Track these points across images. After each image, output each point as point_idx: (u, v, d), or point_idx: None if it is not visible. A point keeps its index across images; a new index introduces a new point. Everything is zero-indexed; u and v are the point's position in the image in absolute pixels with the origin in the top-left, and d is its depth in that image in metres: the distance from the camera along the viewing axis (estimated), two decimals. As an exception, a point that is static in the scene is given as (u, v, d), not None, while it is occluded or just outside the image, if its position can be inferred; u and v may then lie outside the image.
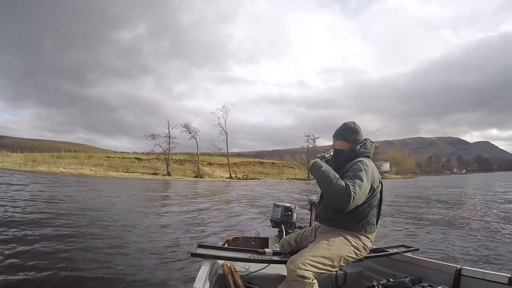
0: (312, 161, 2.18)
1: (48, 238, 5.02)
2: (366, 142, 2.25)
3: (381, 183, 2.14)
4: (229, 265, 2.29)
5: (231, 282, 2.14)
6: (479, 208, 11.62)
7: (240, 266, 2.36)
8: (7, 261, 3.96)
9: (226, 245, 2.98)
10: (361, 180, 1.94)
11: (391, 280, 2.21)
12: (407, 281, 2.15)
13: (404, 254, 2.53)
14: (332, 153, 2.36)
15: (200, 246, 2.18)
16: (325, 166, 2.08)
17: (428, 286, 2.11)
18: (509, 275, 1.90)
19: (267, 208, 10.19)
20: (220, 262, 2.37)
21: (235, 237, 3.33)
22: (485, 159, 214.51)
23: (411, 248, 2.63)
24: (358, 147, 2.19)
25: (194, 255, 2.04)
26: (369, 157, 2.22)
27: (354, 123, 2.30)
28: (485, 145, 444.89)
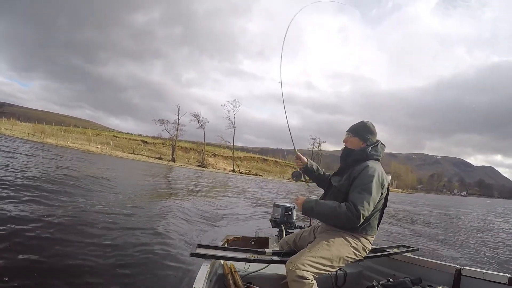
0: (302, 205, 2.12)
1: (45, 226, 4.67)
2: (378, 145, 2.19)
3: (388, 188, 2.13)
4: (229, 265, 2.28)
5: (231, 282, 2.13)
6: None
7: (240, 266, 2.34)
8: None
9: (226, 245, 2.97)
10: (370, 193, 1.92)
11: (391, 280, 2.20)
12: (407, 281, 2.15)
13: (404, 254, 2.53)
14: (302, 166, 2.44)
15: (200, 246, 2.18)
16: (316, 205, 2.07)
17: (428, 286, 2.12)
18: (509, 275, 1.90)
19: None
20: (220, 262, 2.35)
21: (235, 237, 3.32)
22: (487, 184, 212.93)
23: (411, 248, 2.63)
24: (369, 149, 2.13)
25: (194, 255, 2.04)
26: (378, 160, 2.16)
27: (373, 124, 2.24)
28: (489, 170, 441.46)
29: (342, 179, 2.11)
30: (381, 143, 2.22)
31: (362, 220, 1.90)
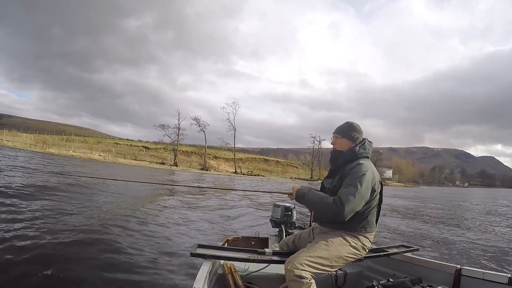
0: (296, 192, 2.20)
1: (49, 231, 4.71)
2: (365, 142, 2.22)
3: (381, 184, 2.16)
4: (229, 265, 2.28)
5: (231, 282, 2.13)
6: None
7: (240, 266, 2.33)
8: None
9: (226, 245, 2.96)
10: (356, 187, 1.95)
11: (391, 280, 2.21)
12: (407, 281, 2.16)
13: (404, 254, 2.53)
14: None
15: (200, 246, 2.18)
16: (307, 193, 2.14)
17: (428, 286, 2.11)
18: (509, 275, 1.91)
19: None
20: (220, 262, 2.34)
21: (235, 237, 3.31)
22: (489, 174, 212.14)
23: (411, 248, 2.64)
24: (358, 148, 2.16)
25: (194, 255, 2.04)
26: (368, 157, 2.20)
27: (357, 124, 2.28)
28: (490, 160, 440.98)
29: (334, 180, 2.14)
30: (368, 141, 2.25)
31: (345, 214, 1.92)
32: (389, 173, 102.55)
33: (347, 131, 2.24)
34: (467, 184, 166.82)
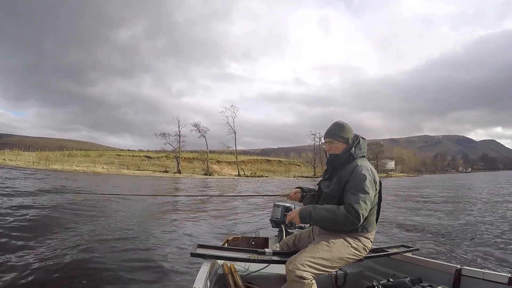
0: (298, 214, 2.09)
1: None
2: (360, 141, 2.17)
3: (380, 182, 2.14)
4: (229, 265, 2.27)
5: (231, 282, 2.12)
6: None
7: (240, 266, 2.32)
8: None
9: (226, 245, 2.95)
10: (366, 192, 1.93)
11: (391, 280, 2.20)
12: (407, 281, 2.15)
13: (404, 254, 2.52)
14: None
15: (200, 246, 2.17)
16: (314, 210, 2.03)
17: (428, 286, 2.11)
18: (509, 275, 1.90)
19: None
20: (220, 262, 2.34)
21: (235, 237, 3.30)
22: (491, 157, 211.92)
23: (411, 248, 2.63)
24: (354, 149, 2.13)
25: (194, 255, 2.04)
26: (364, 156, 2.17)
27: (345, 122, 2.23)
28: (491, 144, 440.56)
29: (332, 183, 2.11)
30: (361, 138, 2.20)
31: (362, 221, 1.91)
32: (391, 164, 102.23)
33: (339, 133, 2.17)
34: (470, 169, 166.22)
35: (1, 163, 38.15)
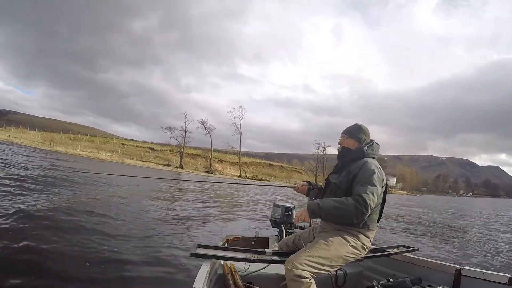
0: (307, 209, 2.10)
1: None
2: (373, 144, 2.27)
3: (386, 183, 2.19)
4: (229, 265, 2.27)
5: (231, 282, 2.12)
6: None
7: (240, 266, 2.32)
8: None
9: (226, 245, 2.94)
10: (374, 185, 1.98)
11: (391, 280, 2.20)
12: (407, 281, 2.15)
13: (404, 254, 2.53)
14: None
15: (200, 246, 2.17)
16: (322, 202, 2.04)
17: (428, 286, 2.11)
18: (509, 275, 1.90)
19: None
20: (220, 262, 2.33)
21: (235, 237, 3.28)
22: (493, 184, 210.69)
23: (411, 248, 2.64)
24: (366, 147, 2.21)
25: (194, 255, 2.03)
26: (374, 158, 2.24)
27: (366, 127, 2.34)
28: (495, 170, 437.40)
29: (341, 176, 2.16)
30: (375, 143, 2.29)
31: (369, 211, 1.92)
32: (393, 181, 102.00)
33: (355, 132, 2.29)
34: (471, 193, 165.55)
35: (6, 140, 38.23)
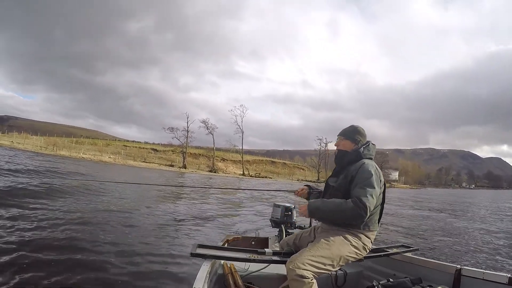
0: (307, 207, 2.17)
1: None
2: (369, 145, 2.27)
3: (385, 184, 2.19)
4: (229, 265, 2.27)
5: (231, 282, 2.12)
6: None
7: (240, 266, 2.32)
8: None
9: (226, 245, 2.94)
10: (373, 187, 1.99)
11: (391, 280, 2.20)
12: (407, 281, 2.16)
13: (404, 254, 2.53)
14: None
15: (200, 246, 2.17)
16: (322, 203, 2.11)
17: (428, 286, 2.11)
18: (509, 275, 1.91)
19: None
20: (220, 262, 2.33)
21: (235, 237, 3.29)
22: (496, 175, 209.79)
23: (411, 248, 2.64)
24: (362, 149, 2.22)
25: (194, 255, 2.04)
26: (371, 158, 2.24)
27: (362, 128, 2.35)
28: (497, 161, 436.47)
29: (339, 179, 2.18)
30: (372, 143, 2.30)
31: (368, 214, 1.94)
32: (395, 175, 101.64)
33: (351, 134, 2.32)
34: (473, 185, 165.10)
35: (9, 146, 38.40)
